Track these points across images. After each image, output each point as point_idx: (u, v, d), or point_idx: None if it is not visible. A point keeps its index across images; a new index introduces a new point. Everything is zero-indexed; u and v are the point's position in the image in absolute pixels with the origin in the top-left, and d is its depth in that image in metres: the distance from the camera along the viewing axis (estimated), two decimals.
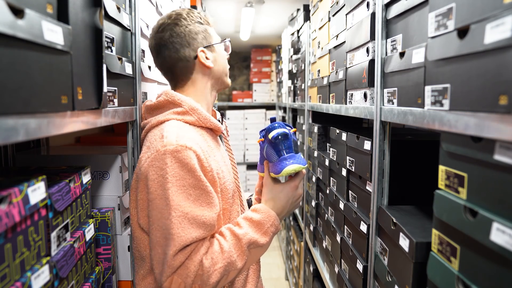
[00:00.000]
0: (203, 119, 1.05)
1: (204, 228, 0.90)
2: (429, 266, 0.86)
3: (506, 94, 0.58)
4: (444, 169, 0.81)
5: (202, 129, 1.06)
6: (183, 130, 0.98)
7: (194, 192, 0.91)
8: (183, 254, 0.89)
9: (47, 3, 0.65)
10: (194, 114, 1.03)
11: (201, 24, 1.10)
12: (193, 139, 0.96)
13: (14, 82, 0.54)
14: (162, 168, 0.90)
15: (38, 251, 0.74)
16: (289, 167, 1.00)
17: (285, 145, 1.02)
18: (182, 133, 0.96)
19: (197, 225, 0.89)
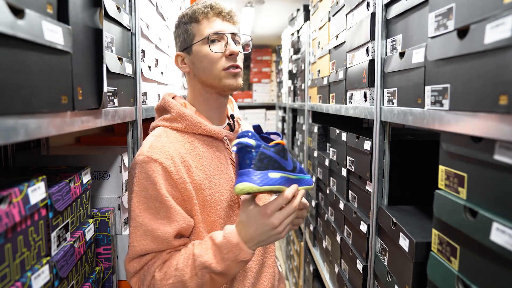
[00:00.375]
0: (193, 125, 0.98)
1: (158, 242, 0.90)
2: (429, 266, 0.86)
3: (506, 94, 0.58)
4: (444, 169, 0.81)
5: (194, 135, 1.00)
6: (160, 139, 0.96)
7: (154, 205, 0.90)
8: (138, 263, 0.92)
9: (47, 3, 0.65)
10: (182, 120, 0.99)
11: (185, 24, 1.02)
12: (166, 149, 0.93)
13: (14, 82, 0.54)
14: (132, 177, 0.94)
15: (38, 251, 0.74)
16: (238, 186, 0.82)
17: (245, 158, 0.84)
18: (156, 143, 0.94)
19: (151, 238, 0.90)
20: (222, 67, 0.99)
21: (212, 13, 1.00)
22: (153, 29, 1.49)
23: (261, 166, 0.84)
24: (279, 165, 0.88)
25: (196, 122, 0.98)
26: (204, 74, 1.01)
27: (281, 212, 0.87)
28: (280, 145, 0.88)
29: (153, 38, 1.49)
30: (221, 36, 1.00)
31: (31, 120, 0.59)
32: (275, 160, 0.86)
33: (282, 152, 0.89)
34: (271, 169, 0.86)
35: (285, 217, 0.87)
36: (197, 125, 0.99)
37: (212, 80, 1.00)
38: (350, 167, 1.54)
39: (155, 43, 1.54)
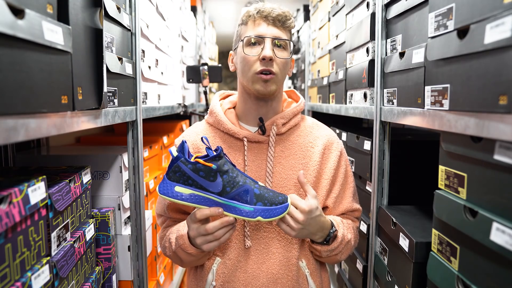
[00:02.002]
0: (217, 122, 1.07)
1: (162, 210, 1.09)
2: (429, 266, 0.86)
3: (506, 94, 0.58)
4: (444, 169, 0.81)
5: (219, 131, 1.08)
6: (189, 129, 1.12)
7: None
8: (159, 219, 1.14)
9: (47, 3, 0.65)
10: (211, 116, 1.09)
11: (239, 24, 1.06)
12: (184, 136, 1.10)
13: (14, 82, 0.55)
14: None
15: (38, 251, 0.74)
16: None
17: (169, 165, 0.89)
18: (186, 132, 1.12)
19: (161, 205, 1.10)
20: (254, 70, 0.99)
21: (258, 16, 1.01)
22: (153, 29, 1.49)
23: (171, 177, 0.88)
24: (195, 183, 0.88)
25: (219, 120, 1.06)
26: (241, 76, 1.04)
27: (197, 228, 0.91)
28: (200, 164, 0.87)
29: (153, 38, 1.49)
30: (261, 39, 0.99)
31: (31, 120, 0.59)
32: (189, 177, 0.87)
33: (203, 172, 0.87)
34: (181, 183, 0.88)
35: (199, 234, 0.92)
36: (220, 122, 1.06)
37: (246, 83, 1.02)
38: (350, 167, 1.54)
39: (155, 43, 1.54)
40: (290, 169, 1.04)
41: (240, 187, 0.90)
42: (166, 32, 1.78)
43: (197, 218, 0.89)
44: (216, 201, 0.89)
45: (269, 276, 1.01)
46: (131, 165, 1.26)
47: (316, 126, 1.14)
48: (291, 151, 1.06)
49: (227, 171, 0.89)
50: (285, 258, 1.02)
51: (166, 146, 1.91)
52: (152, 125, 2.12)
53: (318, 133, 1.10)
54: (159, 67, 1.63)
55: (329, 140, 1.10)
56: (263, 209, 0.90)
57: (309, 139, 1.08)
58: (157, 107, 1.52)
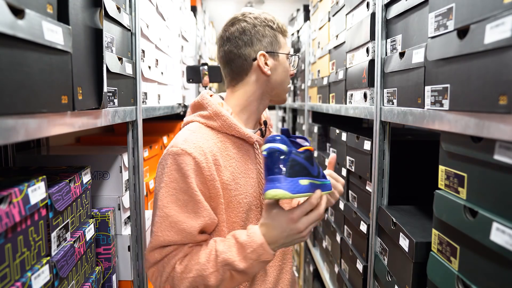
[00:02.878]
0: (227, 126, 0.99)
1: (183, 235, 0.91)
2: (429, 266, 0.86)
3: (506, 94, 0.58)
4: (444, 169, 0.81)
5: (226, 136, 1.01)
6: (195, 134, 0.97)
7: (183, 198, 0.91)
8: (160, 253, 0.93)
9: (47, 3, 0.65)
10: (218, 119, 0.99)
11: (272, 29, 1.04)
12: (201, 145, 0.94)
13: (14, 82, 0.55)
14: (163, 167, 0.94)
15: (38, 251, 0.75)
16: (270, 192, 0.82)
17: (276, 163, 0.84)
18: (191, 137, 0.95)
19: (176, 230, 0.91)
20: (288, 83, 1.09)
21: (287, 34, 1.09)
22: (153, 29, 1.49)
23: (292, 173, 0.84)
24: (308, 172, 0.87)
25: (231, 123, 0.99)
26: (279, 84, 1.05)
27: (307, 217, 0.89)
28: (309, 151, 0.89)
29: (153, 38, 1.49)
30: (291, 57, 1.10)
31: (31, 120, 0.59)
32: (305, 167, 0.86)
33: (310, 159, 0.89)
34: (301, 176, 0.86)
35: (311, 222, 0.89)
36: (232, 126, 0.99)
37: (281, 91, 1.07)
38: (350, 167, 1.54)
39: (155, 43, 1.54)
40: None
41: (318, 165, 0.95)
42: (166, 32, 1.78)
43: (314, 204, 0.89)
44: (317, 183, 0.91)
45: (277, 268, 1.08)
46: (131, 165, 1.26)
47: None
48: None
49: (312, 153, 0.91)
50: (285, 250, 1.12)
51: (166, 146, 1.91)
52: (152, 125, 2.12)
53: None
54: (159, 67, 1.63)
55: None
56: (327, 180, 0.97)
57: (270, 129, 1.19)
58: (157, 107, 1.52)
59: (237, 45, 1.01)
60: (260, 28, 1.02)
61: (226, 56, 1.03)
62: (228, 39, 1.02)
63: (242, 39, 1.01)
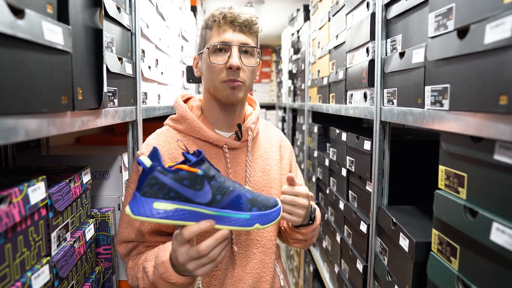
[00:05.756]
0: (192, 129, 1.00)
1: (136, 234, 0.97)
2: (429, 266, 0.86)
3: (506, 94, 0.58)
4: (444, 169, 0.81)
5: (194, 139, 1.01)
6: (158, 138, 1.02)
7: None
8: (125, 248, 1.00)
9: (47, 3, 0.65)
10: (184, 123, 1.02)
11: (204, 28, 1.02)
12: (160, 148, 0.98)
13: (14, 82, 0.54)
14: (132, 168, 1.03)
15: (38, 251, 0.75)
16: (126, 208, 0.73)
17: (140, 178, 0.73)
18: (152, 141, 1.02)
19: (131, 228, 0.98)
20: (221, 79, 0.96)
21: (223, 21, 0.96)
22: (153, 29, 1.49)
23: (147, 192, 0.71)
24: (178, 195, 0.73)
25: (195, 127, 0.99)
26: (208, 82, 1.01)
27: (187, 251, 0.76)
28: (183, 171, 0.73)
29: (153, 38, 1.49)
30: (228, 46, 0.96)
31: (31, 120, 0.59)
32: (170, 188, 0.72)
33: (188, 180, 0.73)
34: (160, 198, 0.72)
35: (190, 258, 0.76)
36: (197, 129, 1.00)
37: (213, 90, 1.00)
38: (350, 167, 1.54)
39: (155, 43, 1.54)
40: (261, 171, 1.08)
41: (231, 192, 0.77)
42: (166, 32, 1.78)
43: (186, 238, 0.74)
44: (206, 213, 0.75)
45: (254, 276, 1.03)
46: (131, 165, 1.26)
47: (267, 126, 1.20)
48: (258, 153, 1.09)
49: (214, 177, 0.76)
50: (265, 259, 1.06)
51: None
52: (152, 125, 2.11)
53: (271, 133, 1.17)
54: (159, 67, 1.63)
55: (281, 138, 1.19)
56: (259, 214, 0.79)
57: (267, 140, 1.15)
58: (157, 107, 1.52)
59: None
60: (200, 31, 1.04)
61: None
62: None
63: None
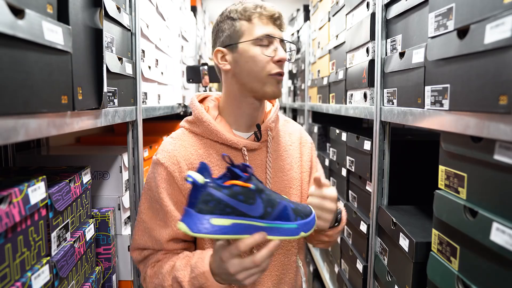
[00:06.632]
0: (209, 132, 0.96)
1: (154, 242, 0.94)
2: (429, 266, 0.86)
3: (506, 94, 0.58)
4: (444, 169, 0.81)
5: (211, 142, 0.97)
6: (174, 142, 0.96)
7: (155, 206, 0.94)
8: (140, 255, 0.97)
9: (47, 3, 0.65)
10: (200, 125, 0.97)
11: (232, 19, 0.96)
12: (176, 154, 0.93)
13: (14, 82, 0.55)
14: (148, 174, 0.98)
15: (38, 251, 0.74)
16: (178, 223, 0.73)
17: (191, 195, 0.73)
18: (169, 146, 0.96)
19: (148, 236, 0.94)
20: (268, 72, 0.93)
21: (265, 14, 0.95)
22: (153, 29, 1.49)
23: (203, 209, 0.72)
24: (234, 210, 0.74)
25: (213, 130, 0.95)
26: (247, 76, 0.94)
27: (240, 262, 0.77)
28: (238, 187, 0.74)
29: (153, 38, 1.49)
30: (272, 40, 0.94)
31: (31, 120, 0.59)
32: (227, 204, 0.73)
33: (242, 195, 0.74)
34: (217, 214, 0.73)
35: (243, 269, 0.77)
36: (213, 132, 0.95)
37: (255, 84, 0.94)
38: (350, 167, 1.54)
39: (155, 43, 1.54)
40: (280, 171, 1.03)
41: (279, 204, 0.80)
42: (166, 32, 1.78)
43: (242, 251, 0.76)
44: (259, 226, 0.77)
45: (274, 278, 1.00)
46: (131, 165, 1.26)
47: (286, 122, 1.14)
48: (278, 153, 1.05)
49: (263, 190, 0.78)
50: (286, 258, 1.02)
51: None
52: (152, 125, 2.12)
53: (291, 129, 1.11)
54: (159, 67, 1.63)
55: (301, 133, 1.12)
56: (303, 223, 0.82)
57: (287, 138, 1.08)
58: (157, 107, 1.52)
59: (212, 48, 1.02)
60: (221, 25, 0.97)
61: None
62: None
63: (213, 40, 1.01)
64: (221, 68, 0.98)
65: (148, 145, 1.54)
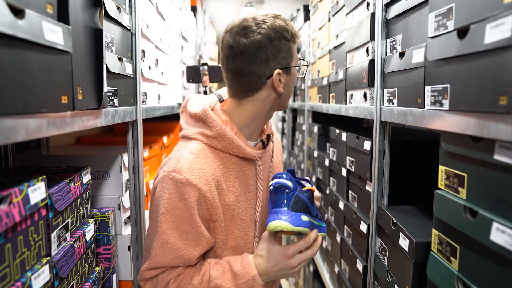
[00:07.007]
0: (232, 147, 0.96)
1: (181, 261, 0.92)
2: (429, 266, 0.86)
3: (506, 94, 0.58)
4: (444, 169, 0.81)
5: (229, 155, 0.98)
6: (199, 160, 0.93)
7: (184, 227, 0.91)
8: (156, 271, 0.94)
9: (47, 3, 0.65)
10: (222, 140, 0.95)
11: (287, 41, 0.95)
12: (205, 173, 0.92)
13: (14, 82, 0.55)
14: (164, 191, 0.91)
15: (38, 251, 0.75)
16: (273, 223, 0.87)
17: (281, 198, 0.90)
18: (195, 165, 0.92)
19: (174, 256, 0.91)
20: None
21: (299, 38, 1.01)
22: (153, 29, 1.49)
23: (295, 208, 0.91)
24: (308, 210, 0.95)
25: (236, 145, 0.96)
26: (287, 96, 1.02)
27: (301, 255, 0.94)
28: (311, 191, 0.97)
29: (153, 38, 1.49)
30: None
31: (31, 120, 0.59)
32: (307, 205, 0.94)
33: (311, 199, 0.97)
34: (303, 212, 0.92)
35: (303, 261, 0.94)
36: (237, 147, 0.96)
37: (287, 102, 1.04)
38: (350, 167, 1.54)
39: (155, 43, 1.54)
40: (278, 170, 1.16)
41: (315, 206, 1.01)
42: (166, 32, 1.78)
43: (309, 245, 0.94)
44: (315, 224, 0.97)
45: None
46: (131, 165, 1.26)
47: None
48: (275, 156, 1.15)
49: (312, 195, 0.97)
50: None
51: (166, 146, 1.91)
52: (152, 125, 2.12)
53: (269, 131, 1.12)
54: (159, 67, 1.63)
55: (275, 133, 1.17)
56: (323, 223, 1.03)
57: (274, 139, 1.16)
58: (157, 107, 1.52)
59: (251, 62, 0.92)
60: (276, 42, 0.93)
61: (237, 70, 0.94)
62: (241, 54, 0.92)
63: (258, 56, 0.92)
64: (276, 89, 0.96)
65: (148, 145, 1.54)
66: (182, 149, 0.96)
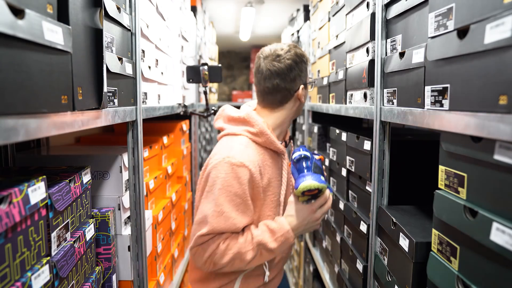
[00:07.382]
0: (269, 142, 1.24)
1: (232, 228, 1.14)
2: (429, 266, 0.86)
3: (506, 94, 0.58)
4: (444, 169, 0.81)
5: (265, 149, 1.26)
6: (248, 150, 1.20)
7: (237, 200, 1.14)
8: (208, 236, 1.15)
9: (47, 3, 0.65)
10: (262, 137, 1.23)
11: (305, 63, 1.28)
12: (252, 159, 1.18)
13: (14, 82, 0.55)
14: (221, 172, 1.15)
15: (38, 251, 0.75)
16: (304, 183, 1.11)
17: (304, 165, 1.17)
18: (246, 152, 1.19)
19: (228, 223, 1.13)
20: None
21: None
22: (153, 29, 1.49)
23: (316, 171, 1.17)
24: (323, 172, 1.20)
25: (272, 141, 1.24)
26: (302, 105, 1.34)
27: (322, 208, 1.21)
28: (321, 159, 1.25)
29: (153, 38, 1.49)
30: None
31: (31, 120, 0.59)
32: (321, 169, 1.22)
33: (322, 164, 1.24)
34: (320, 173, 1.18)
35: (324, 212, 1.21)
36: (272, 143, 1.25)
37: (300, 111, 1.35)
38: (350, 167, 1.54)
39: (155, 43, 1.54)
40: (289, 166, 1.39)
41: None
42: (166, 32, 1.78)
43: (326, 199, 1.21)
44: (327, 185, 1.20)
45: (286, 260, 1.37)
46: (131, 165, 1.26)
47: None
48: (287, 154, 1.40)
49: None
50: None
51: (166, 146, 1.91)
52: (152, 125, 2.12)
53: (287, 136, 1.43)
54: (159, 67, 1.63)
55: None
56: None
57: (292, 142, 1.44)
58: (157, 107, 1.52)
59: (285, 80, 1.25)
60: (302, 65, 1.27)
61: (273, 87, 1.25)
62: (278, 74, 1.24)
63: (289, 76, 1.25)
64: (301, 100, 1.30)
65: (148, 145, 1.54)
66: (231, 142, 1.23)
